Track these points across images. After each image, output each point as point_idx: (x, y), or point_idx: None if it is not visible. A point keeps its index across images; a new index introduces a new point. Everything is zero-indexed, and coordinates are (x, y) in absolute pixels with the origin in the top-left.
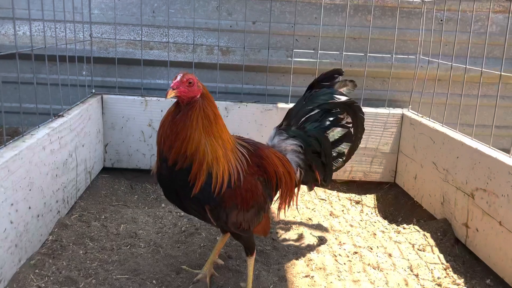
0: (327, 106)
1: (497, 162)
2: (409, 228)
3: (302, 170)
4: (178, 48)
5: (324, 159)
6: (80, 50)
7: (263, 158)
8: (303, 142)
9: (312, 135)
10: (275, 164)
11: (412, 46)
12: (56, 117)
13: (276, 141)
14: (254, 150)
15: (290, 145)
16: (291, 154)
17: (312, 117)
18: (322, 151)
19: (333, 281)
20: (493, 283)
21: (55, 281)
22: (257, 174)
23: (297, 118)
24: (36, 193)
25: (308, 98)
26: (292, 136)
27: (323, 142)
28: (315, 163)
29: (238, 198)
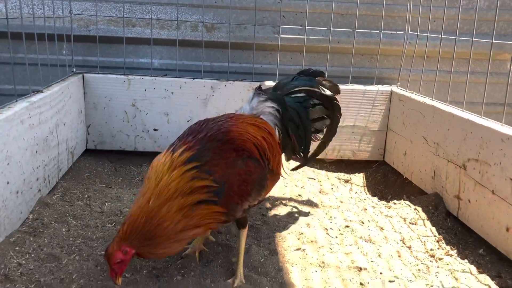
0: (311, 93)
1: (490, 131)
2: (400, 203)
3: (280, 131)
4: (162, 25)
5: (302, 133)
6: (60, 28)
7: (235, 140)
8: (281, 106)
9: (292, 107)
10: (253, 137)
11: (400, 22)
12: (35, 93)
13: (255, 103)
14: (225, 137)
15: (268, 108)
16: (268, 116)
17: (296, 95)
18: (301, 124)
19: (325, 253)
20: (485, 253)
21: (37, 258)
22: (238, 158)
23: (282, 90)
24: (14, 168)
25: (296, 79)
26: (271, 98)
27: (302, 116)
28: (291, 130)
29: (235, 197)
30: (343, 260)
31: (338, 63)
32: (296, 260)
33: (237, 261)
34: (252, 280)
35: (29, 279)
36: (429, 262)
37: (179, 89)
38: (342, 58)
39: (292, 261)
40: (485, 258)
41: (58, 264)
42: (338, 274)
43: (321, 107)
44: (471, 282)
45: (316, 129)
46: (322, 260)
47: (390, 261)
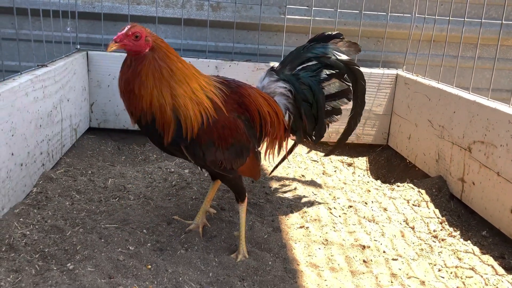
0: (325, 60)
1: (496, 112)
2: (403, 186)
3: (291, 115)
4: (167, 4)
5: (315, 112)
6: (64, 4)
7: (244, 96)
8: (293, 87)
9: (305, 83)
10: (259, 103)
11: (408, 5)
12: (39, 66)
13: (266, 82)
14: (235, 89)
15: (280, 88)
16: (279, 97)
17: (309, 67)
18: (314, 102)
19: (329, 231)
20: (489, 234)
21: (41, 230)
22: (236, 111)
23: (292, 64)
24: (19, 140)
25: (307, 48)
26: (283, 79)
27: (316, 92)
28: (305, 112)
29: (214, 134)
30: (347, 238)
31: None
32: (299, 237)
33: (239, 236)
34: (255, 256)
35: (33, 249)
36: (432, 242)
37: None
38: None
39: (296, 238)
40: (488, 239)
41: (62, 236)
42: (342, 252)
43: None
44: (474, 262)
45: (333, 108)
46: (326, 238)
47: (393, 241)
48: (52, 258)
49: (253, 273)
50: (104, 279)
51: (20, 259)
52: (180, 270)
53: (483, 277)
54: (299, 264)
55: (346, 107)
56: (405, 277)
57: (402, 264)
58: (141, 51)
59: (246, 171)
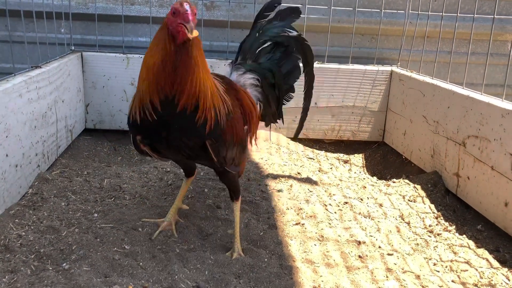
0: (278, 39)
1: (490, 107)
2: (399, 182)
3: (261, 104)
4: (161, 4)
5: (277, 92)
6: (58, 5)
7: (238, 91)
8: (260, 75)
9: (266, 67)
10: (246, 97)
11: (401, 2)
12: (33, 67)
13: (235, 76)
14: (230, 84)
15: (249, 79)
16: (250, 88)
17: (265, 49)
18: (276, 82)
19: (324, 228)
20: (484, 228)
21: (36, 230)
22: (237, 106)
23: (251, 51)
24: (13, 141)
25: (261, 32)
26: (249, 70)
27: (276, 73)
28: (271, 96)
29: (232, 130)
30: (342, 234)
31: (338, 43)
32: (295, 234)
33: (233, 234)
34: (251, 253)
35: (29, 250)
36: (428, 237)
37: None
38: (343, 38)
39: (291, 235)
40: (483, 233)
41: (58, 236)
42: (337, 248)
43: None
44: (469, 255)
45: (289, 86)
46: (321, 234)
47: (389, 236)
48: (48, 258)
49: (249, 270)
50: (99, 278)
51: (16, 259)
52: (175, 268)
53: (478, 271)
54: (295, 260)
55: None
56: (401, 272)
57: (397, 259)
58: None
59: (244, 167)
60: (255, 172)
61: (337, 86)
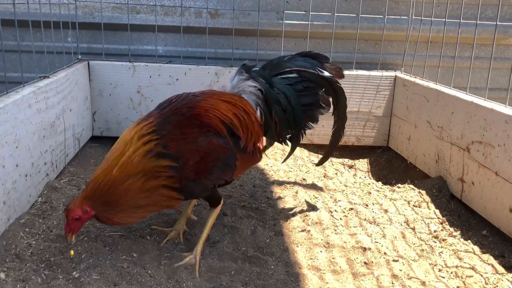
0: (306, 74)
1: (493, 113)
2: (404, 187)
3: (263, 111)
4: (166, 12)
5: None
6: (65, 15)
7: (202, 116)
8: (265, 86)
9: (279, 89)
10: (221, 114)
11: (404, 7)
12: (42, 78)
13: (236, 81)
14: (187, 113)
15: (249, 87)
16: (249, 95)
17: (288, 78)
18: (290, 108)
19: (330, 234)
20: (489, 234)
21: (46, 239)
22: (200, 135)
23: (272, 70)
24: (23, 151)
25: (290, 59)
26: (253, 77)
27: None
28: (276, 113)
29: (191, 173)
30: (348, 240)
31: (342, 49)
32: (301, 241)
33: (199, 237)
34: (258, 260)
35: (39, 259)
36: (433, 243)
37: (183, 75)
38: (346, 43)
39: (297, 241)
40: (488, 238)
41: (67, 245)
42: (343, 254)
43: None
44: (474, 261)
45: (309, 116)
46: (327, 241)
47: (394, 242)
48: (58, 267)
49: (256, 278)
50: (109, 287)
51: (27, 268)
52: (183, 276)
53: (483, 276)
54: (301, 267)
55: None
56: (406, 278)
57: (403, 265)
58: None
59: (243, 169)
60: (261, 178)
61: None
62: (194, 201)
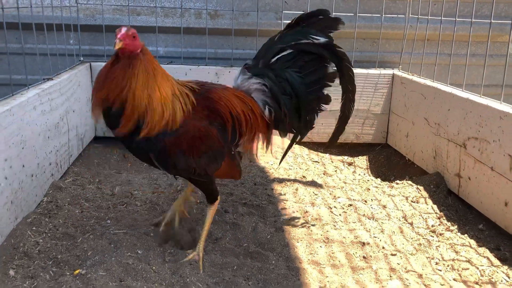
0: (302, 47)
1: (488, 109)
2: (402, 183)
3: (272, 109)
4: (166, 13)
5: (297, 104)
6: (67, 17)
7: (215, 101)
8: (268, 81)
9: (281, 75)
10: (231, 105)
11: (401, 6)
12: (46, 80)
13: (240, 80)
14: (205, 94)
15: (254, 84)
16: (256, 93)
17: (284, 57)
18: (293, 94)
19: (329, 230)
20: (485, 228)
21: (53, 237)
22: (208, 118)
23: (265, 58)
24: (29, 152)
25: (280, 36)
26: (256, 74)
27: (294, 83)
28: (285, 105)
29: (184, 144)
30: (347, 236)
31: None
32: (301, 236)
33: (200, 237)
34: (259, 256)
35: (47, 256)
36: (430, 237)
37: (184, 76)
38: (344, 42)
39: (298, 237)
40: (485, 232)
41: (74, 243)
42: (342, 249)
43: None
44: (470, 254)
45: (318, 96)
46: (327, 236)
47: (392, 237)
48: (65, 264)
49: (257, 272)
50: (115, 282)
51: (35, 265)
52: (187, 271)
53: (478, 269)
54: (301, 262)
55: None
56: (404, 271)
57: (400, 259)
58: (135, 50)
59: (223, 174)
60: (262, 176)
61: (339, 90)
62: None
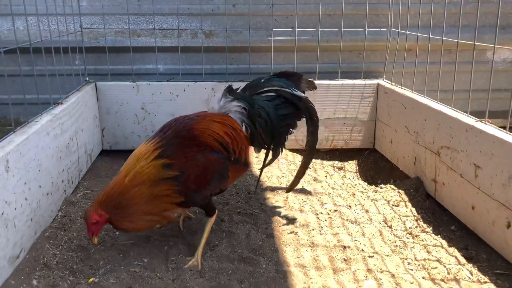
0: (282, 93)
1: (457, 122)
2: (385, 187)
3: (248, 127)
4: (164, 34)
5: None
6: (72, 41)
7: (198, 137)
8: (247, 105)
9: (259, 104)
10: (213, 132)
11: (384, 20)
12: (56, 105)
13: (222, 103)
14: (187, 134)
15: (234, 107)
16: (234, 114)
17: (266, 95)
18: (269, 120)
19: (315, 235)
20: (456, 229)
21: (68, 249)
22: (199, 152)
23: (252, 91)
24: (44, 173)
25: (267, 79)
26: (237, 98)
27: (269, 112)
28: (260, 125)
29: (192, 185)
30: (331, 240)
31: (328, 59)
32: (289, 242)
33: (199, 245)
34: (251, 261)
35: (64, 267)
36: (406, 239)
37: (183, 92)
38: (332, 55)
39: (286, 242)
40: (456, 233)
41: (87, 254)
42: (326, 252)
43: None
44: (441, 254)
45: (288, 124)
46: (312, 241)
47: (371, 240)
48: (80, 273)
49: (249, 276)
50: None
51: (54, 275)
52: (187, 277)
53: (446, 267)
54: (289, 265)
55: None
56: (379, 272)
57: (377, 260)
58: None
59: (233, 179)
60: (255, 185)
61: (329, 100)
62: None
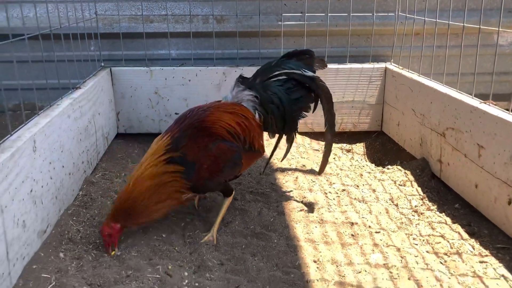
0: (293, 75)
1: (462, 103)
2: (392, 168)
3: (261, 114)
4: (176, 20)
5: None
6: (88, 27)
7: (209, 128)
8: (259, 93)
9: (271, 90)
10: (225, 124)
11: (392, 4)
12: (75, 89)
13: (235, 92)
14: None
15: (247, 96)
16: (247, 102)
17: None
18: (281, 105)
19: (324, 212)
20: (460, 207)
21: (91, 225)
22: (210, 141)
23: (262, 77)
24: (66, 154)
25: (277, 63)
26: (249, 87)
27: (282, 97)
28: (272, 112)
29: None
30: (339, 217)
31: (337, 44)
32: (299, 219)
33: (215, 222)
34: (263, 236)
35: (87, 241)
36: (412, 216)
37: (195, 76)
38: (341, 39)
39: (296, 219)
40: (460, 211)
41: None
42: (334, 228)
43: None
44: (444, 230)
45: (300, 107)
46: (321, 218)
47: (378, 217)
48: (103, 247)
49: (262, 250)
50: (145, 261)
51: (79, 249)
52: (204, 250)
53: (449, 242)
54: (299, 240)
55: None
56: (385, 246)
57: (383, 236)
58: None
59: (247, 166)
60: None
61: (338, 84)
62: None
